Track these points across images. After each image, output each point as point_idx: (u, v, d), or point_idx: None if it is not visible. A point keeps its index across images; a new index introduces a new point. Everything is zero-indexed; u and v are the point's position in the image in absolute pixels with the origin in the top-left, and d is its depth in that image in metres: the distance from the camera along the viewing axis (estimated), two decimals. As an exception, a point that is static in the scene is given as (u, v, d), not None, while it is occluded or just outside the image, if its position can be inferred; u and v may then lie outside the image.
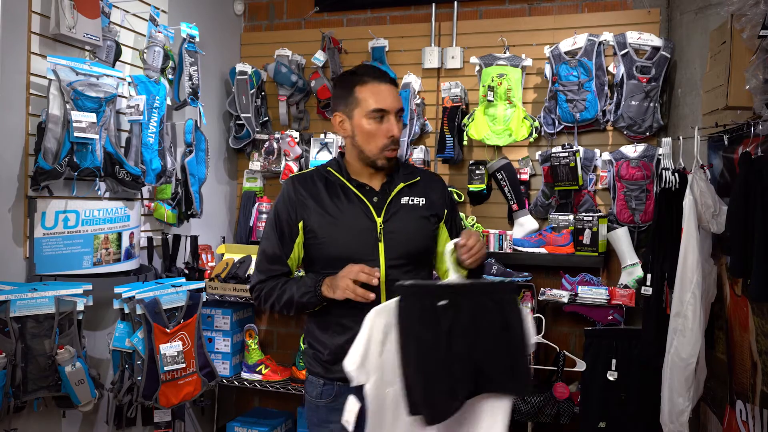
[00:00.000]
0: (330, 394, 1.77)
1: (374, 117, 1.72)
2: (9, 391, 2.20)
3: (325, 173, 1.80)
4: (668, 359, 2.19)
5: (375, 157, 1.75)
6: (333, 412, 1.76)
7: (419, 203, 1.79)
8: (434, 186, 1.85)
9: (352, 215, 1.74)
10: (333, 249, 1.73)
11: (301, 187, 1.78)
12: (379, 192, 1.77)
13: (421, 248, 1.79)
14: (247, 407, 3.72)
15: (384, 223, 1.73)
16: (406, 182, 1.79)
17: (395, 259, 1.72)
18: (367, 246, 1.72)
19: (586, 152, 3.07)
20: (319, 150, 3.42)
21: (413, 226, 1.77)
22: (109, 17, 2.64)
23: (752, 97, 1.83)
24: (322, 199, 1.76)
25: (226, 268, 3.29)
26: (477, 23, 3.39)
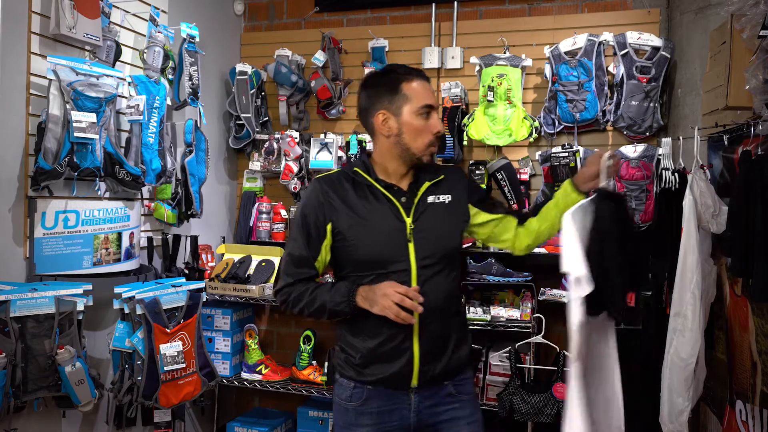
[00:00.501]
0: (360, 397, 1.76)
1: (422, 113, 1.72)
2: (9, 391, 2.20)
3: (352, 174, 1.78)
4: (668, 359, 2.19)
5: (421, 153, 1.74)
6: (361, 415, 1.75)
7: (445, 201, 1.78)
8: (456, 180, 1.84)
9: (381, 216, 1.72)
10: (363, 251, 1.72)
11: (329, 189, 1.76)
12: (407, 192, 1.76)
13: (451, 247, 1.78)
14: (247, 407, 3.72)
15: (414, 223, 1.72)
16: (431, 181, 1.78)
17: (425, 259, 1.71)
18: (397, 247, 1.71)
19: (586, 152, 3.07)
20: (319, 150, 3.42)
21: (442, 225, 1.76)
22: (109, 17, 2.64)
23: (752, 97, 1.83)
24: (351, 201, 1.74)
25: (226, 268, 3.29)
26: (477, 23, 3.39)
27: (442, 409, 1.77)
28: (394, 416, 1.75)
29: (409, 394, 1.75)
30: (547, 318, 2.85)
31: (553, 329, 2.94)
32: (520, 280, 2.99)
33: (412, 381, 1.73)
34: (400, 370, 1.72)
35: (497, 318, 2.90)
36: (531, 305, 2.92)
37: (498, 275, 2.98)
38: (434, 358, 1.73)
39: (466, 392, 1.81)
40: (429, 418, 1.76)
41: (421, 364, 1.72)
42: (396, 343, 1.71)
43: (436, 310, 1.70)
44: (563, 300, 2.85)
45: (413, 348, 1.71)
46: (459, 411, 1.78)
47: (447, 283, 1.75)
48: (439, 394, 1.77)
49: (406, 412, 1.75)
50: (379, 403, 1.75)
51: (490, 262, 3.01)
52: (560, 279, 3.01)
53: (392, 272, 1.70)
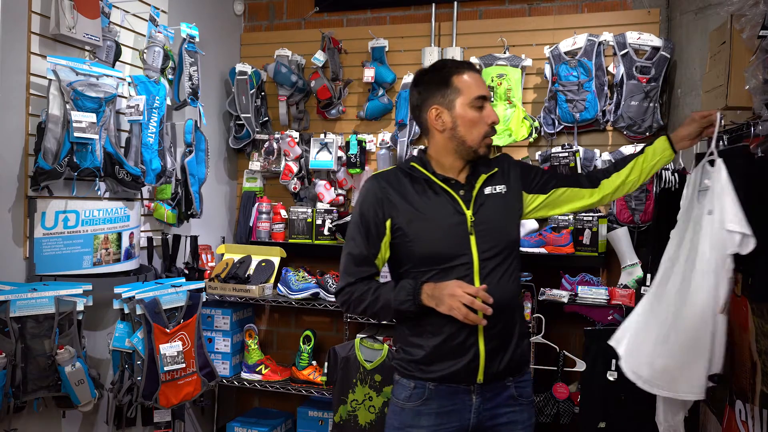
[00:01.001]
0: (420, 396, 1.73)
1: (476, 105, 1.70)
2: (9, 391, 2.21)
3: (409, 170, 1.76)
4: None
5: (477, 145, 1.73)
6: (419, 416, 1.73)
7: (502, 191, 1.77)
8: (508, 169, 1.83)
9: (441, 210, 1.71)
10: (423, 246, 1.69)
11: (386, 185, 1.74)
12: (465, 185, 1.75)
13: (511, 238, 1.77)
14: (247, 407, 3.72)
15: (474, 216, 1.71)
16: (487, 173, 1.77)
17: (487, 251, 1.69)
18: (459, 241, 1.69)
19: (586, 152, 3.07)
20: (319, 150, 3.42)
21: (501, 216, 1.75)
22: (109, 17, 2.64)
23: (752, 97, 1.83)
24: (409, 196, 1.72)
25: (226, 268, 3.29)
26: (477, 23, 3.39)
27: (502, 411, 1.75)
28: (454, 417, 1.72)
29: (471, 394, 1.72)
30: (547, 318, 2.85)
31: (553, 329, 2.94)
32: (520, 280, 2.98)
33: (477, 377, 1.70)
34: (466, 366, 1.69)
35: (497, 318, 2.90)
36: (531, 305, 2.92)
37: (498, 275, 2.98)
38: (499, 353, 1.71)
39: (526, 396, 1.81)
40: (488, 420, 1.74)
41: (487, 359, 1.69)
42: (461, 340, 1.68)
43: (499, 303, 1.67)
44: (563, 300, 2.85)
45: (479, 344, 1.69)
46: (517, 415, 1.77)
47: (508, 276, 1.73)
48: (501, 396, 1.75)
49: (467, 413, 1.73)
50: (440, 403, 1.72)
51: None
52: (560, 279, 3.01)
53: (454, 266, 1.68)
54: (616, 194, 1.91)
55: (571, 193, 1.87)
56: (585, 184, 1.89)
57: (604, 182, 1.88)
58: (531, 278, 3.00)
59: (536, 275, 3.05)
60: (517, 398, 1.78)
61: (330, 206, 3.40)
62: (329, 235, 3.35)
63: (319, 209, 3.39)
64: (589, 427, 2.70)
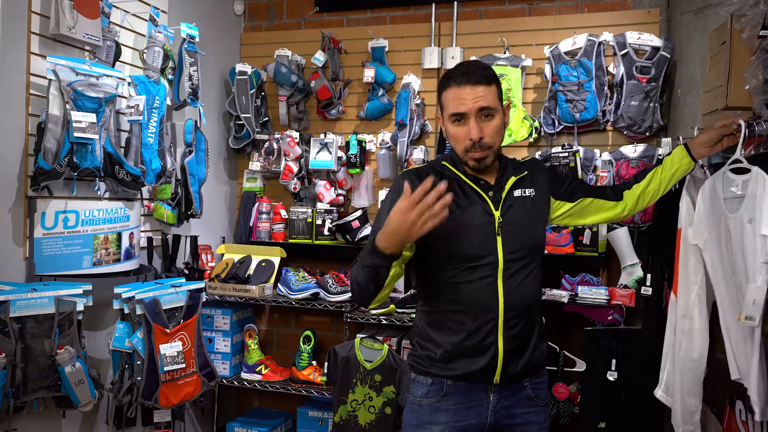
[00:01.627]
0: (437, 393, 1.74)
1: (453, 120, 1.71)
2: (9, 392, 2.20)
3: (440, 168, 1.78)
4: (677, 361, 2.17)
5: (463, 158, 1.74)
6: (437, 412, 1.73)
7: (531, 195, 1.79)
8: (537, 174, 1.85)
9: (470, 210, 1.72)
10: (452, 245, 1.70)
11: (418, 182, 1.68)
12: (495, 186, 1.76)
13: (537, 240, 1.79)
14: (247, 407, 3.72)
15: (502, 217, 1.72)
16: (516, 176, 1.79)
17: (513, 252, 1.71)
18: (486, 240, 1.70)
19: (586, 152, 3.07)
20: (319, 150, 3.42)
21: (529, 218, 1.76)
22: (109, 17, 2.64)
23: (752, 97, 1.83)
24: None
25: (226, 269, 3.29)
26: (477, 23, 3.39)
27: (519, 411, 1.76)
28: (471, 414, 1.73)
29: (488, 392, 1.73)
30: (547, 318, 2.84)
31: (553, 329, 2.94)
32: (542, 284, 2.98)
33: (495, 377, 1.71)
34: (485, 366, 1.69)
35: (497, 318, 2.90)
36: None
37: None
38: (518, 354, 1.72)
39: (542, 397, 1.81)
40: (504, 419, 1.75)
41: (505, 360, 1.70)
42: (480, 338, 1.69)
43: (520, 305, 1.69)
44: (563, 300, 2.85)
45: (498, 344, 1.69)
46: (534, 416, 1.78)
47: (530, 278, 1.74)
48: (518, 395, 1.76)
49: (484, 410, 1.73)
50: (457, 399, 1.73)
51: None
52: (560, 279, 3.01)
53: (479, 266, 1.69)
54: (639, 205, 1.96)
55: (597, 204, 1.92)
56: (610, 196, 1.93)
57: (626, 193, 1.93)
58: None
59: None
60: (534, 399, 1.79)
61: (330, 206, 3.40)
62: (329, 235, 3.35)
63: (319, 209, 3.39)
64: (589, 427, 2.70)
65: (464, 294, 1.69)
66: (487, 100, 1.68)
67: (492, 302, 1.67)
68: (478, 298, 1.68)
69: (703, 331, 2.09)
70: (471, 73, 1.69)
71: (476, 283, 1.68)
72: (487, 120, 1.69)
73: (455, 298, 1.70)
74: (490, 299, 1.67)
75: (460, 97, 1.69)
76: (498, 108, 1.71)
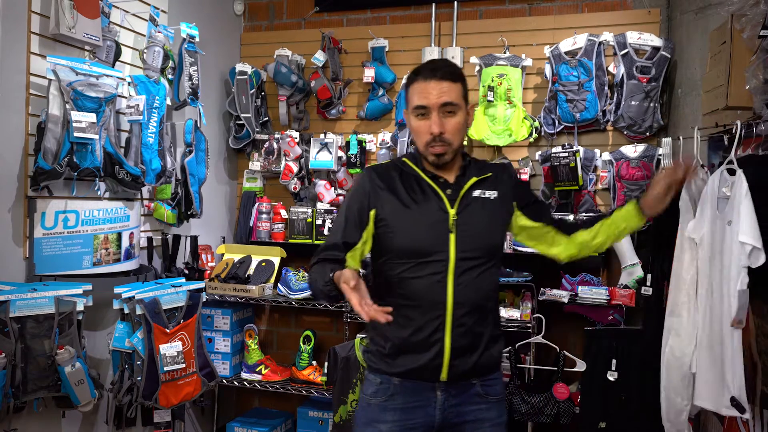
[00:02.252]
0: (386, 392, 1.76)
1: (417, 114, 1.73)
2: (9, 392, 2.20)
3: (401, 165, 1.81)
4: (664, 359, 2.19)
5: (424, 152, 1.75)
6: (385, 411, 1.75)
7: (491, 197, 1.79)
8: (504, 178, 1.84)
9: (425, 206, 1.74)
10: (403, 239, 1.73)
11: (376, 177, 1.79)
12: (453, 184, 1.77)
13: (492, 242, 1.78)
14: (247, 407, 3.72)
15: (457, 215, 1.73)
16: (478, 177, 1.79)
17: (465, 252, 1.71)
18: (438, 237, 1.71)
19: (586, 152, 3.07)
20: (319, 150, 3.42)
21: (485, 220, 1.76)
22: (108, 17, 2.64)
23: (752, 97, 1.83)
24: (397, 190, 1.76)
25: (226, 269, 3.29)
26: (477, 23, 3.39)
27: (468, 409, 1.76)
28: (419, 413, 1.74)
29: (436, 390, 1.73)
30: (547, 318, 2.85)
31: (553, 329, 2.94)
32: (520, 280, 2.98)
33: (441, 374, 1.71)
34: (431, 362, 1.71)
35: (497, 318, 2.90)
36: (531, 305, 2.91)
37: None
38: (465, 353, 1.72)
39: (494, 393, 1.80)
40: (454, 417, 1.75)
41: (452, 357, 1.70)
42: (427, 334, 1.70)
43: (470, 303, 1.70)
44: (563, 300, 2.84)
45: (445, 341, 1.70)
46: (485, 413, 1.78)
47: (484, 278, 1.74)
48: (466, 393, 1.76)
49: (432, 409, 1.74)
50: (405, 398, 1.74)
51: (490, 262, 3.00)
52: (560, 279, 3.01)
53: (430, 262, 1.70)
54: (580, 254, 1.88)
55: (554, 237, 1.87)
56: (564, 231, 1.88)
57: (575, 235, 1.87)
58: (531, 278, 3.00)
59: (536, 275, 3.05)
60: (484, 396, 1.78)
61: (330, 206, 3.40)
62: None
63: (319, 209, 3.38)
64: (589, 427, 2.70)
65: (414, 289, 1.71)
66: (451, 96, 1.71)
67: (441, 299, 1.68)
68: (427, 294, 1.69)
69: (692, 330, 2.09)
70: (438, 69, 1.73)
71: (426, 278, 1.70)
72: (449, 116, 1.72)
73: (405, 292, 1.72)
74: (439, 296, 1.68)
75: (425, 91, 1.72)
76: (461, 106, 1.74)
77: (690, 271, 2.09)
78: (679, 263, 2.13)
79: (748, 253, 1.74)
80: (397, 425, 1.74)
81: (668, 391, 2.16)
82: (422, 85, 1.73)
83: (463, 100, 1.75)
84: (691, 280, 2.09)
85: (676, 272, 2.14)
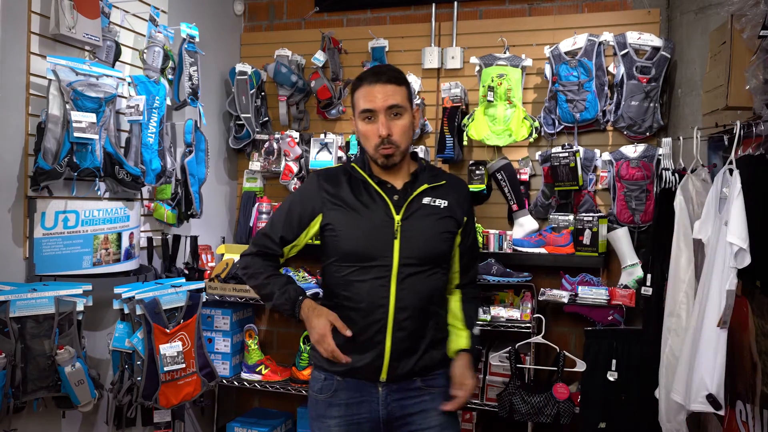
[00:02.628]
0: (330, 389, 1.81)
1: (364, 118, 1.77)
2: (9, 392, 2.20)
3: (350, 170, 1.84)
4: (663, 359, 2.20)
5: (373, 156, 1.79)
6: (331, 407, 1.80)
7: (440, 205, 1.81)
8: (458, 191, 1.87)
9: (371, 211, 1.77)
10: (349, 243, 1.77)
11: (324, 182, 1.83)
12: (401, 191, 1.80)
13: (437, 250, 1.81)
14: (247, 407, 3.72)
15: (402, 221, 1.76)
16: (430, 184, 1.82)
17: (409, 258, 1.75)
18: (382, 242, 1.75)
19: (586, 152, 3.07)
20: (319, 150, 3.42)
21: (431, 227, 1.79)
22: (108, 17, 2.64)
23: (752, 97, 1.83)
24: (344, 195, 1.80)
25: (226, 269, 3.29)
26: (477, 23, 3.39)
27: (411, 402, 1.80)
28: (363, 408, 1.79)
29: (377, 386, 1.78)
30: (547, 318, 2.85)
31: (553, 329, 2.94)
32: (520, 280, 2.99)
33: (381, 375, 1.77)
34: (370, 362, 1.76)
35: (497, 318, 2.90)
36: (531, 305, 2.92)
37: (498, 275, 2.98)
38: (405, 355, 1.77)
39: (437, 386, 1.84)
40: (398, 410, 1.80)
41: (391, 359, 1.75)
42: (369, 336, 1.75)
43: (411, 308, 1.75)
44: (563, 300, 2.84)
45: (385, 343, 1.74)
46: (429, 403, 1.81)
47: (428, 284, 1.78)
48: (408, 388, 1.80)
49: (375, 405, 1.79)
50: (348, 395, 1.79)
51: (490, 262, 3.00)
52: (560, 279, 3.01)
53: (374, 266, 1.75)
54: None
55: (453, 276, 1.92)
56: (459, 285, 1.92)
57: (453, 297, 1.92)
58: (531, 278, 3.00)
59: (536, 275, 3.05)
60: (425, 388, 1.82)
61: (330, 206, 3.39)
62: (329, 235, 3.34)
63: (319, 209, 3.38)
64: (589, 427, 2.70)
65: (357, 292, 1.75)
66: (396, 98, 1.76)
67: (383, 302, 1.73)
68: (369, 296, 1.74)
69: (690, 331, 2.10)
70: (382, 73, 1.78)
71: (370, 282, 1.74)
72: (395, 119, 1.77)
73: (349, 294, 1.76)
74: (381, 299, 1.73)
75: (371, 95, 1.76)
76: (407, 108, 1.79)
77: (687, 272, 2.10)
78: (676, 263, 2.14)
79: (735, 254, 1.75)
80: (343, 420, 1.79)
81: (667, 392, 2.16)
82: (367, 90, 1.77)
83: (408, 102, 1.80)
84: (689, 280, 2.09)
85: (674, 272, 2.15)
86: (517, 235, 3.13)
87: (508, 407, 2.74)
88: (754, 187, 1.81)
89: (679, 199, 2.13)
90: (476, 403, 2.94)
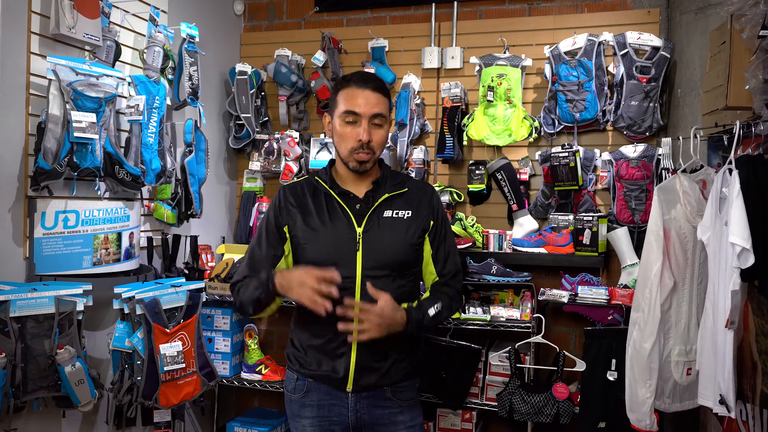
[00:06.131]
0: (302, 389, 1.84)
1: (345, 119, 1.77)
2: (9, 391, 2.20)
3: (314, 182, 1.87)
4: (628, 351, 2.24)
5: (346, 158, 1.80)
6: (304, 407, 1.83)
7: (403, 216, 1.81)
8: (423, 198, 1.87)
9: (334, 223, 1.79)
10: (312, 255, 1.79)
11: (289, 195, 1.86)
12: (363, 200, 1.81)
13: (399, 260, 1.80)
14: (247, 407, 3.72)
15: (363, 233, 1.77)
16: (391, 193, 1.82)
17: (372, 269, 1.76)
18: (345, 254, 1.76)
19: (586, 152, 3.07)
20: (319, 150, 3.42)
21: (392, 238, 1.79)
22: (109, 17, 2.64)
23: (752, 97, 1.83)
24: (308, 207, 1.82)
25: (226, 268, 3.29)
26: (477, 23, 3.39)
27: (380, 412, 1.81)
28: (334, 411, 1.81)
29: (346, 393, 1.80)
30: (546, 318, 2.85)
31: (553, 329, 2.94)
32: (520, 280, 2.99)
33: (347, 385, 1.78)
34: (337, 373, 1.77)
35: (497, 318, 2.90)
36: (531, 305, 2.92)
37: (498, 275, 2.98)
38: (371, 367, 1.77)
39: (405, 398, 1.85)
40: (367, 418, 1.81)
41: (356, 370, 1.76)
42: (335, 346, 1.76)
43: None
44: (563, 300, 2.85)
45: (351, 354, 1.76)
46: (398, 416, 1.83)
47: (394, 293, 1.73)
48: (377, 397, 1.81)
49: (345, 409, 1.80)
50: (319, 396, 1.82)
51: (489, 262, 3.01)
52: (560, 279, 3.01)
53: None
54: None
55: (429, 276, 1.91)
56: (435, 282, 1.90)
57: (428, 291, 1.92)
58: (531, 278, 3.00)
59: (536, 275, 3.05)
60: (395, 400, 1.83)
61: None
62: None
63: (319, 209, 3.38)
64: (589, 427, 2.70)
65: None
66: (381, 108, 1.78)
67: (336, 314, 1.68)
68: (335, 307, 1.69)
69: (653, 326, 2.14)
70: (371, 80, 1.80)
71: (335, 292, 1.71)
72: (377, 127, 1.78)
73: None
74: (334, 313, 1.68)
75: (360, 98, 1.77)
76: (387, 120, 1.82)
77: (654, 269, 2.13)
78: (646, 259, 2.17)
79: (738, 254, 1.75)
80: (316, 420, 1.82)
81: (631, 383, 2.22)
82: (355, 92, 1.77)
83: (388, 114, 1.82)
84: (655, 276, 2.13)
85: (643, 268, 2.19)
86: (516, 234, 3.13)
87: (508, 407, 2.74)
88: (753, 187, 1.81)
89: (659, 198, 2.16)
90: (476, 402, 2.94)
